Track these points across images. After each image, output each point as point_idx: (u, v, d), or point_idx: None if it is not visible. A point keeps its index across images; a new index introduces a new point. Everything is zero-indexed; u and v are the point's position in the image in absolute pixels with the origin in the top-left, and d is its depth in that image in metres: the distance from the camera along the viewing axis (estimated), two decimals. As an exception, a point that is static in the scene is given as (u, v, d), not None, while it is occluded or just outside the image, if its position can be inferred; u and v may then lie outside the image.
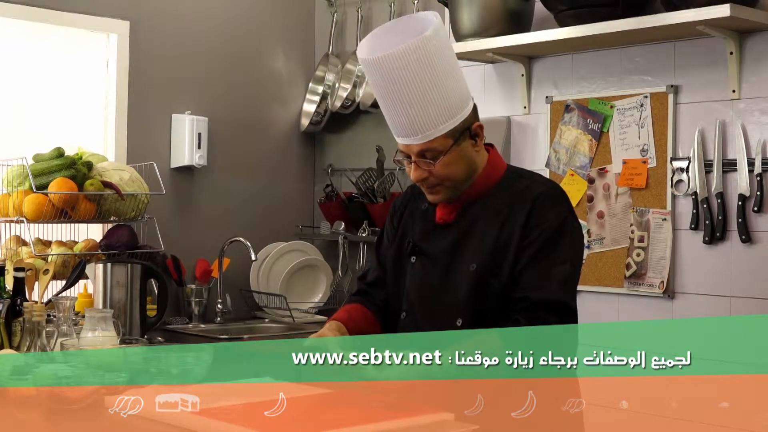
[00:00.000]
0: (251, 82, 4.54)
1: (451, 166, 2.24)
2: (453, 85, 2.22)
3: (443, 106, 2.20)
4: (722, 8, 3.07)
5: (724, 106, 3.34)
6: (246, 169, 4.51)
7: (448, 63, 2.22)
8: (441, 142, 2.22)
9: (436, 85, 2.18)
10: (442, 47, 2.21)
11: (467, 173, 2.28)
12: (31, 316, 2.58)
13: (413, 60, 2.16)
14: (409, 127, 2.22)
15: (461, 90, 2.25)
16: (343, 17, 4.59)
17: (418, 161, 2.24)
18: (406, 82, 2.18)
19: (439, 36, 2.20)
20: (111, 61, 4.13)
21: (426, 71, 2.17)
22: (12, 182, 3.63)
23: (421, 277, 2.37)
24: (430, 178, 2.26)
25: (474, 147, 2.27)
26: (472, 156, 2.28)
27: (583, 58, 3.72)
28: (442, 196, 2.30)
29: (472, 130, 2.26)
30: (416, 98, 2.19)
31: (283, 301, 4.18)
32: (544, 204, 2.25)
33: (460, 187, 2.29)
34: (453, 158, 2.24)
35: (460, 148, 2.24)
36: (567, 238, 2.26)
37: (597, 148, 3.65)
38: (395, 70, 2.17)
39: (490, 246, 2.26)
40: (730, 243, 3.31)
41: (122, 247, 3.74)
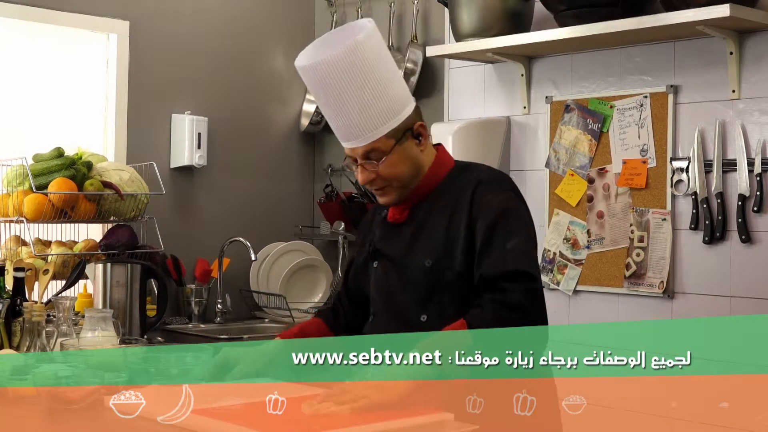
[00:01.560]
0: (251, 82, 4.54)
1: (396, 166, 2.30)
2: (389, 87, 2.26)
3: (381, 108, 2.25)
4: (722, 8, 3.07)
5: (723, 106, 3.34)
6: (246, 169, 4.51)
7: (382, 66, 2.27)
8: (383, 143, 2.27)
9: (372, 87, 2.24)
10: (375, 51, 2.26)
11: (413, 172, 2.33)
12: (30, 316, 2.58)
13: (346, 65, 2.22)
14: (351, 131, 2.28)
15: (399, 92, 2.30)
16: (342, 17, 4.59)
17: (364, 163, 2.30)
18: (342, 87, 2.23)
19: (372, 40, 2.25)
20: (111, 61, 4.13)
21: (359, 75, 2.22)
22: (12, 182, 3.63)
23: (383, 279, 2.41)
24: (377, 179, 2.31)
25: (418, 146, 2.32)
26: (417, 155, 2.33)
27: (582, 58, 3.72)
28: (392, 198, 2.35)
29: (414, 130, 2.31)
30: (353, 101, 2.24)
31: (283, 301, 4.18)
32: (485, 189, 2.30)
33: (408, 187, 2.34)
34: (397, 158, 2.29)
35: (404, 148, 2.29)
36: (513, 216, 2.29)
37: (597, 148, 3.65)
38: (329, 75, 2.23)
39: (441, 240, 2.31)
40: (730, 243, 3.31)
41: (122, 247, 3.73)
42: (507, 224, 2.26)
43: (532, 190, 3.84)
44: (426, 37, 4.26)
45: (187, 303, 4.20)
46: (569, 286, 3.68)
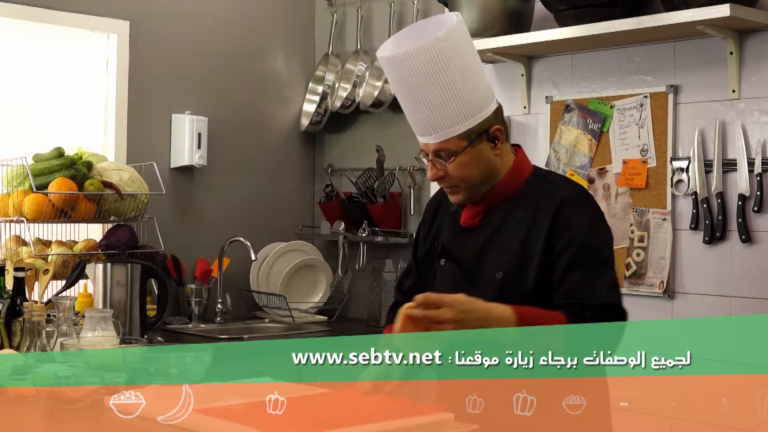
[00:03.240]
0: (251, 82, 4.54)
1: (466, 167, 2.24)
2: (468, 87, 2.21)
3: (455, 108, 2.19)
4: (722, 8, 3.07)
5: (724, 106, 3.33)
6: (246, 169, 4.51)
7: (464, 64, 2.21)
8: (455, 143, 2.21)
9: (449, 85, 2.18)
10: (457, 48, 2.20)
11: (484, 176, 2.27)
12: (31, 316, 2.59)
13: (425, 60, 2.17)
14: (424, 126, 2.23)
15: (479, 92, 2.23)
16: (343, 17, 4.59)
17: (434, 160, 2.25)
18: (419, 81, 2.18)
19: (453, 37, 2.19)
20: (111, 61, 4.13)
21: (435, 72, 2.17)
22: (12, 182, 3.63)
23: (448, 281, 2.36)
24: (446, 177, 2.26)
25: (493, 150, 2.25)
26: (491, 159, 2.26)
27: (582, 58, 3.72)
28: (461, 197, 2.30)
29: (490, 133, 2.24)
30: (428, 98, 2.19)
31: (283, 301, 4.18)
32: (568, 209, 2.23)
33: (479, 189, 2.28)
34: (468, 159, 2.23)
35: (476, 150, 2.23)
36: (600, 240, 2.25)
37: (597, 148, 3.65)
38: (407, 68, 2.18)
39: (515, 254, 2.25)
40: (730, 243, 3.31)
41: (122, 247, 3.73)
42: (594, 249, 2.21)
43: (532, 190, 3.84)
44: (426, 37, 4.25)
45: (187, 303, 4.20)
46: (569, 286, 3.68)
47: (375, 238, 4.26)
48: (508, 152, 2.30)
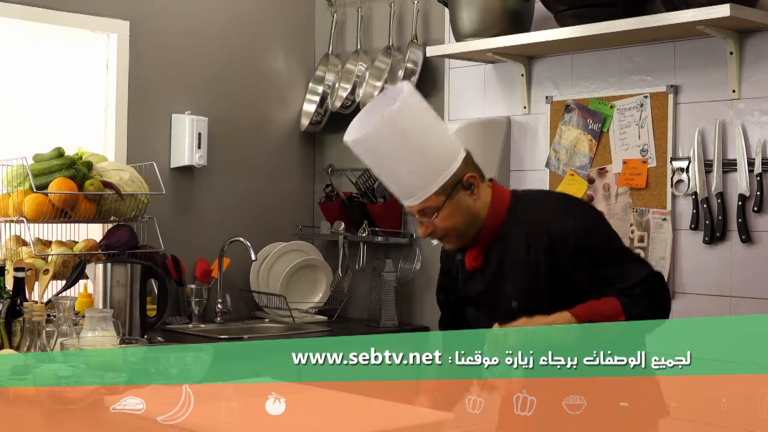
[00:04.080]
0: (251, 82, 4.54)
1: (450, 219, 2.36)
2: (431, 148, 2.33)
3: (426, 169, 2.32)
4: (722, 8, 3.07)
5: (724, 106, 3.33)
6: (246, 169, 4.51)
7: (423, 128, 2.33)
8: (434, 200, 2.34)
9: (414, 152, 2.31)
10: (414, 114, 2.33)
11: (468, 221, 2.38)
12: (31, 316, 2.59)
13: (387, 134, 2.30)
14: (403, 191, 2.37)
15: (444, 148, 2.36)
16: (343, 17, 4.59)
17: (420, 219, 2.38)
18: (387, 154, 2.32)
19: (407, 106, 2.32)
20: (111, 61, 4.13)
21: (400, 142, 2.30)
22: (12, 182, 3.63)
23: (475, 323, 2.47)
24: (435, 231, 2.38)
25: (471, 196, 2.37)
26: (470, 205, 2.37)
27: (583, 58, 3.72)
28: (454, 245, 2.43)
29: (464, 182, 2.36)
30: (399, 166, 2.32)
31: (283, 301, 4.18)
32: (559, 222, 2.34)
33: (467, 234, 2.39)
34: (449, 211, 2.35)
35: (455, 201, 2.35)
36: (602, 230, 2.38)
37: (597, 148, 3.64)
38: (373, 145, 2.33)
39: (524, 280, 2.36)
40: (730, 243, 3.31)
41: (122, 247, 3.73)
42: (606, 239, 2.36)
43: (533, 190, 3.84)
44: (426, 37, 4.26)
45: (187, 303, 4.20)
46: (569, 286, 3.68)
47: (375, 238, 4.26)
48: (486, 192, 2.41)
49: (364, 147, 2.36)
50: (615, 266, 2.30)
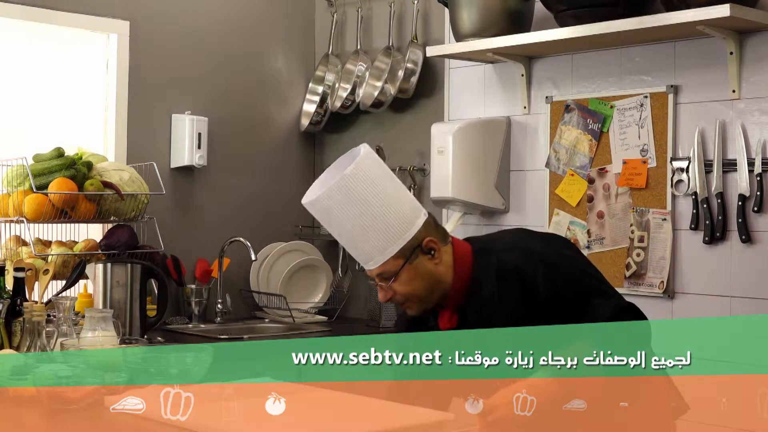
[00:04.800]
0: (251, 82, 4.54)
1: (410, 283, 2.30)
2: (387, 212, 2.27)
3: (383, 232, 2.26)
4: (722, 8, 3.07)
5: (724, 106, 3.33)
6: (246, 169, 4.51)
7: (379, 191, 2.27)
8: (392, 264, 2.28)
9: (370, 215, 2.26)
10: (369, 179, 2.27)
11: (429, 286, 2.32)
12: (31, 316, 2.58)
13: (340, 199, 2.26)
14: (360, 256, 2.32)
15: (400, 214, 2.29)
16: (342, 17, 4.59)
17: (380, 284, 2.33)
18: (341, 218, 2.28)
19: (362, 169, 2.27)
20: (111, 61, 4.13)
21: (355, 206, 2.26)
22: (12, 182, 3.63)
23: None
24: (396, 295, 2.32)
25: (432, 260, 2.30)
26: (431, 270, 2.31)
27: (583, 58, 3.72)
28: (416, 310, 2.35)
29: (423, 247, 2.29)
30: (355, 231, 2.28)
31: (283, 301, 4.18)
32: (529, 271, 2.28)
33: (430, 299, 2.33)
34: (409, 276, 2.29)
35: (415, 266, 2.29)
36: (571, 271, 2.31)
37: (597, 148, 3.64)
38: (327, 209, 2.30)
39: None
40: (730, 243, 3.31)
41: (122, 247, 3.73)
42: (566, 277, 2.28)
43: (532, 190, 3.84)
44: (426, 37, 4.26)
45: (187, 303, 4.20)
46: (569, 286, 3.68)
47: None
48: (447, 254, 2.34)
49: (317, 210, 2.33)
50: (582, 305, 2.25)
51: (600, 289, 2.31)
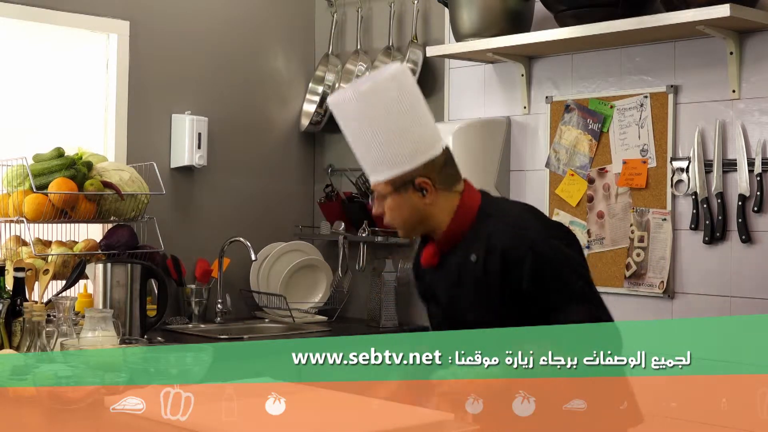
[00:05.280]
0: (251, 82, 4.54)
1: (394, 211, 2.36)
2: (393, 139, 2.30)
3: (384, 156, 2.31)
4: (722, 8, 3.07)
5: (724, 106, 3.33)
6: (246, 169, 4.51)
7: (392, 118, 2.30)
8: (383, 187, 2.35)
9: (378, 135, 2.30)
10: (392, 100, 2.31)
11: (415, 221, 2.36)
12: (31, 316, 2.58)
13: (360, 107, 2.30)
14: (367, 166, 2.37)
15: (405, 147, 2.31)
16: (342, 17, 4.59)
17: (377, 198, 2.39)
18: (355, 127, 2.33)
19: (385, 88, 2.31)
20: (111, 61, 4.13)
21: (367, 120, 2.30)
22: (12, 182, 3.63)
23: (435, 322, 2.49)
24: (383, 215, 2.39)
25: (422, 199, 2.33)
26: (420, 207, 2.34)
27: (583, 58, 3.72)
28: (402, 234, 2.43)
29: (416, 184, 2.32)
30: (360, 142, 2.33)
31: (283, 301, 4.18)
32: (515, 251, 2.28)
33: (414, 230, 2.40)
34: (394, 204, 2.34)
35: (402, 198, 2.33)
36: (558, 267, 2.29)
37: (597, 148, 3.64)
38: (347, 112, 2.33)
39: (479, 298, 2.33)
40: (730, 243, 3.31)
41: (122, 247, 3.73)
42: (554, 271, 2.27)
43: (532, 190, 3.84)
44: (426, 37, 4.26)
45: (187, 303, 4.20)
46: (569, 286, 3.68)
47: (375, 238, 4.26)
48: (448, 200, 2.36)
49: (339, 111, 2.35)
50: (561, 304, 2.25)
51: (583, 295, 2.29)
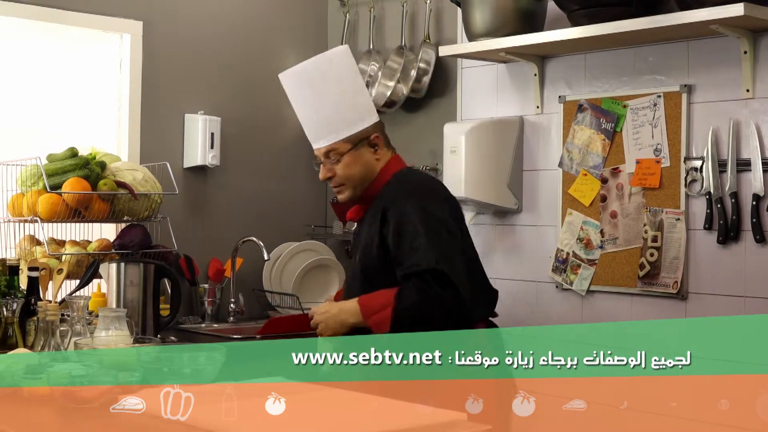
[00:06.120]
0: (264, 82, 4.54)
1: (350, 167, 2.76)
2: (356, 99, 2.76)
3: (342, 116, 2.74)
4: (736, 7, 3.06)
5: (737, 106, 3.32)
6: (259, 169, 4.52)
7: (354, 79, 2.79)
8: (341, 145, 2.76)
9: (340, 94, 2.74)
10: (350, 66, 2.80)
11: (364, 175, 2.78)
12: (45, 316, 2.59)
13: (323, 71, 2.75)
14: (316, 132, 2.78)
15: (361, 105, 2.78)
16: (355, 17, 4.59)
17: (325, 161, 2.79)
18: (316, 89, 2.74)
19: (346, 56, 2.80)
20: (124, 62, 4.14)
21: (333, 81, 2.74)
22: (26, 182, 3.65)
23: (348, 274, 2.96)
24: (335, 177, 2.78)
25: (374, 155, 2.79)
26: (370, 162, 2.78)
27: (596, 58, 3.71)
28: (345, 195, 2.80)
29: (371, 140, 2.78)
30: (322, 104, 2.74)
31: (296, 300, 4.19)
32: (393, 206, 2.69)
33: (360, 188, 2.79)
34: (351, 160, 2.76)
35: (359, 153, 2.76)
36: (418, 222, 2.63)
37: (610, 147, 3.64)
38: (307, 79, 2.76)
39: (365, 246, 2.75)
40: (744, 243, 3.30)
41: (135, 247, 3.74)
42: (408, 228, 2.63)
43: (545, 190, 3.83)
44: (439, 36, 4.26)
45: (200, 302, 4.21)
46: (582, 286, 3.68)
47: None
48: (386, 160, 2.81)
49: (297, 80, 2.76)
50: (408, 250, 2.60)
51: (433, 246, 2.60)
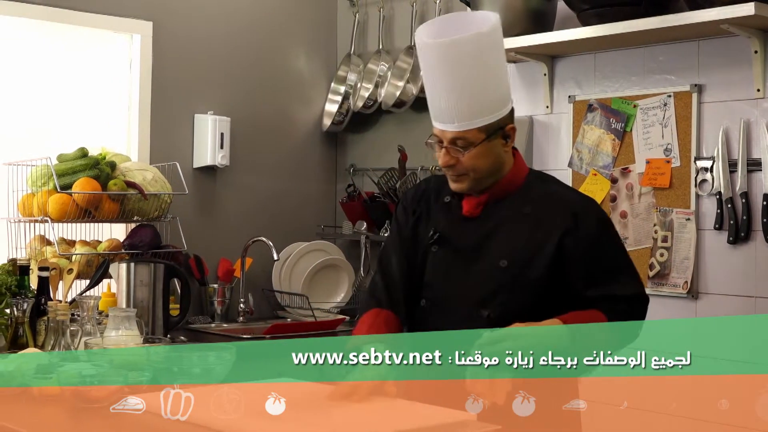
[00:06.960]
0: (273, 83, 4.55)
1: (479, 159, 2.35)
2: (496, 85, 2.34)
3: (483, 101, 2.31)
4: (747, 7, 3.05)
5: (748, 105, 3.31)
6: (268, 169, 4.52)
7: (496, 63, 2.34)
8: (474, 134, 2.32)
9: (482, 79, 2.30)
10: (495, 46, 2.33)
11: (492, 169, 2.38)
12: (55, 315, 2.60)
13: (467, 51, 2.27)
14: (448, 114, 2.32)
15: (503, 91, 2.37)
16: (365, 17, 4.59)
17: (450, 148, 2.35)
18: (456, 70, 2.28)
19: (495, 34, 2.32)
20: (134, 62, 4.15)
21: (476, 64, 2.28)
22: (36, 182, 3.65)
23: (443, 268, 2.43)
24: (458, 165, 2.36)
25: (504, 147, 2.39)
26: (501, 154, 2.39)
27: (606, 58, 3.70)
28: (465, 186, 2.40)
29: (505, 131, 2.38)
30: (460, 87, 2.29)
31: (305, 300, 4.19)
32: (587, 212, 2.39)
33: (484, 180, 2.39)
34: (482, 152, 2.34)
35: (491, 144, 2.35)
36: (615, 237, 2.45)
37: (620, 147, 3.63)
38: (449, 56, 2.28)
39: (522, 245, 2.36)
40: (755, 243, 3.28)
41: (145, 247, 3.75)
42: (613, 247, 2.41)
43: (555, 190, 3.83)
44: (448, 36, 4.24)
45: (209, 302, 4.21)
46: (592, 286, 3.67)
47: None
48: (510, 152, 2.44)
49: (438, 53, 2.30)
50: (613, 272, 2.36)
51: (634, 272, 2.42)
